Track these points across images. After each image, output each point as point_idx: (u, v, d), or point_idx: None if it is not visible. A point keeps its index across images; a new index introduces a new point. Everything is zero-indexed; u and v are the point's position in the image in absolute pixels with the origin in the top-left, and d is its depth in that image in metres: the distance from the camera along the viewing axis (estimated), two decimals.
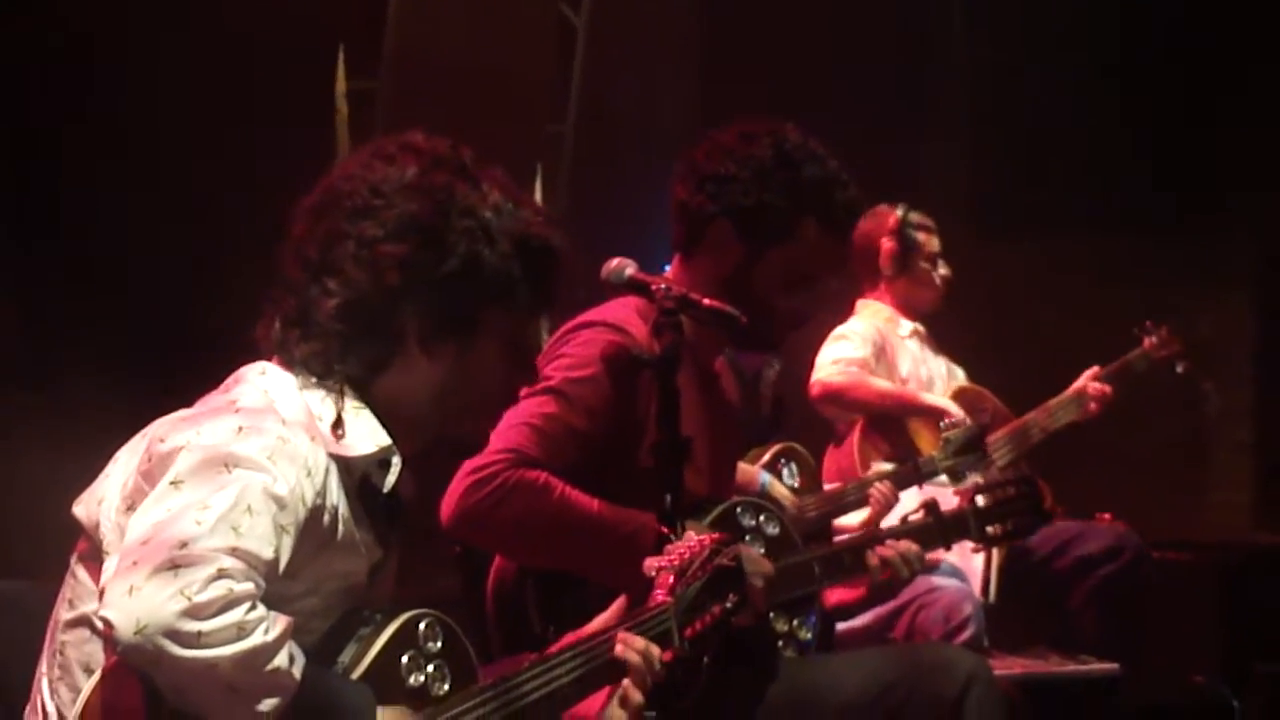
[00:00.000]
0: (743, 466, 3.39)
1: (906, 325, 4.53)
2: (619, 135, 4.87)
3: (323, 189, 2.15)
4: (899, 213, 4.49)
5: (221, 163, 3.89)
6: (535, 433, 2.65)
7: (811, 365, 4.26)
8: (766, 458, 3.55)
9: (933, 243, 4.55)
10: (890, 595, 3.06)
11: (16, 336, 4.36)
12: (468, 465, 2.60)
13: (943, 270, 4.51)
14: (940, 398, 4.34)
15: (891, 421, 4.21)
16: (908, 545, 2.91)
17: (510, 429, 2.64)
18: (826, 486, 3.74)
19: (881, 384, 4.27)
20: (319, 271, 2.08)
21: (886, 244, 4.47)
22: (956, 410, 4.19)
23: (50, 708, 2.00)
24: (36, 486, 2.90)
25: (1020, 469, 3.74)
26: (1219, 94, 5.92)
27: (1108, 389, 4.55)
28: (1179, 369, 4.71)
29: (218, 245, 2.78)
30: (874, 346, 4.38)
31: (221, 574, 1.81)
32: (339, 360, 2.08)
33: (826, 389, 4.24)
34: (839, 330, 4.41)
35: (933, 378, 4.51)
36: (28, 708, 2.06)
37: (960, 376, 4.65)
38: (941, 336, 4.63)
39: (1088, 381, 4.57)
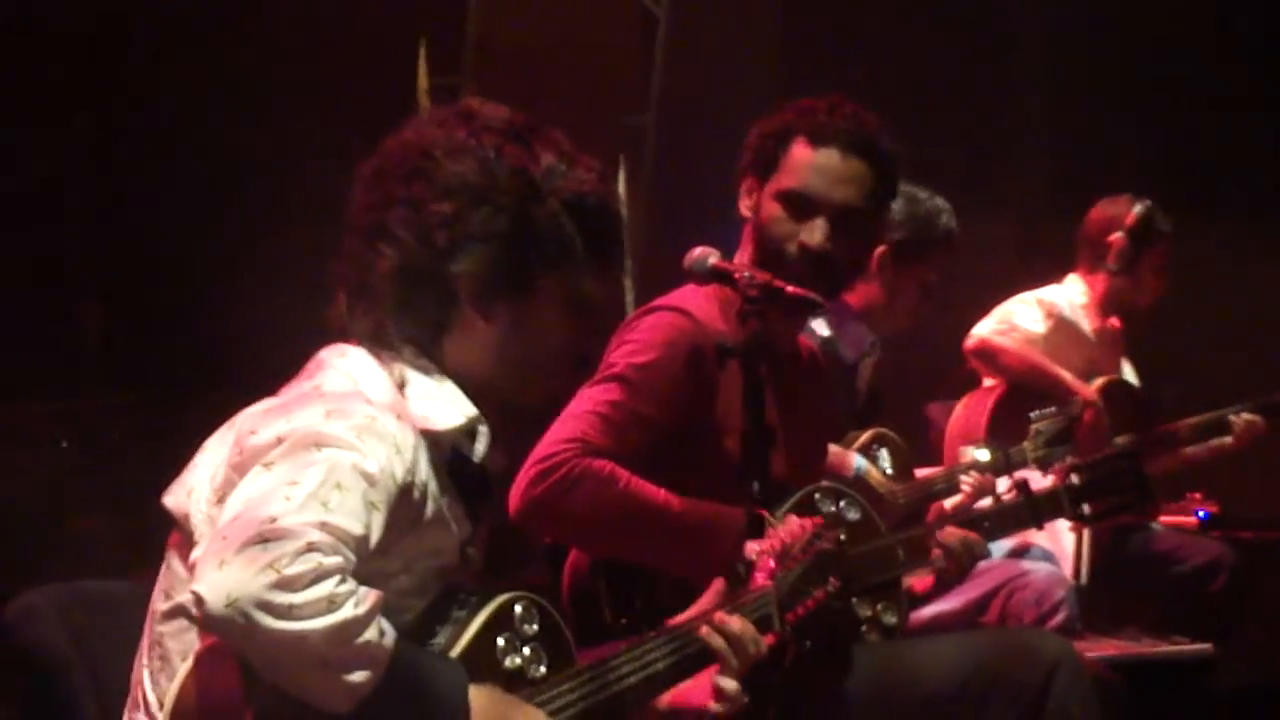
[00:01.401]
0: (838, 450, 3.42)
1: (1098, 319, 4.54)
2: (700, 125, 4.89)
3: (378, 155, 2.16)
4: (1138, 210, 4.47)
5: (309, 161, 4.02)
6: (601, 420, 2.65)
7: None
8: (861, 442, 3.59)
9: (1164, 252, 4.52)
10: (956, 582, 3.06)
11: (107, 340, 4.62)
12: (533, 455, 2.62)
13: (1162, 281, 4.51)
14: (1086, 385, 4.33)
15: (1031, 396, 4.20)
16: (967, 533, 2.88)
17: (575, 417, 2.65)
18: (919, 474, 3.77)
19: (1035, 357, 4.29)
20: (372, 237, 2.10)
21: (1118, 239, 4.47)
22: (1095, 398, 4.22)
23: (152, 699, 2.03)
24: (130, 484, 2.91)
25: (1122, 446, 3.67)
26: None
27: (1259, 420, 4.41)
28: None
29: (306, 242, 2.85)
30: (1052, 324, 4.41)
31: (310, 548, 1.83)
32: (395, 324, 2.09)
33: (984, 345, 4.31)
34: (1032, 296, 4.46)
35: (1103, 373, 4.51)
36: (128, 702, 2.10)
37: (1131, 377, 4.64)
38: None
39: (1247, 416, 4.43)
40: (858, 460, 3.49)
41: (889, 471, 3.61)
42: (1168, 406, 4.56)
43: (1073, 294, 4.51)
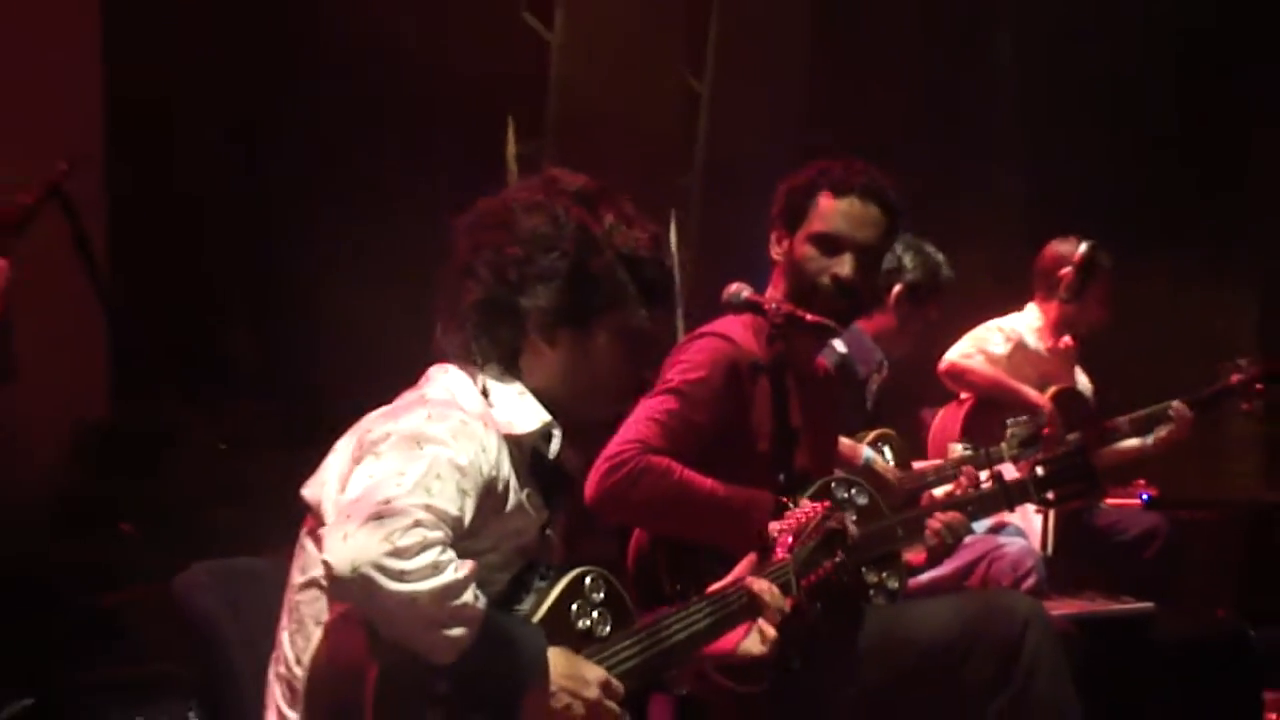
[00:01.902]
0: (850, 444, 3.84)
1: (1051, 339, 5.11)
2: (737, 184, 5.37)
3: (474, 210, 2.45)
4: (1084, 249, 5.03)
5: (411, 220, 4.41)
6: (659, 425, 2.99)
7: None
8: (869, 439, 4.05)
9: (1106, 283, 5.09)
10: (946, 555, 3.41)
11: (255, 356, 5.05)
12: (604, 454, 2.95)
13: (1106, 308, 5.09)
14: (1039, 395, 4.87)
15: (996, 406, 4.72)
16: (953, 516, 3.21)
17: (638, 423, 2.99)
18: (915, 466, 4.23)
19: (997, 375, 4.86)
20: (463, 275, 2.37)
21: (1067, 273, 5.03)
22: (1048, 405, 4.75)
23: (290, 655, 2.25)
24: (273, 479, 3.26)
25: (1073, 443, 4.15)
26: None
27: (1190, 414, 4.98)
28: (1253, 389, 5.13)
29: (409, 285, 3.24)
30: (1013, 346, 4.99)
31: (418, 524, 2.03)
32: (479, 346, 2.35)
33: (953, 367, 4.89)
34: (997, 324, 5.06)
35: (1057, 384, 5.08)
36: (272, 656, 2.31)
37: (1087, 387, 5.19)
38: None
39: (1177, 406, 4.99)
40: (866, 452, 3.90)
41: (892, 463, 4.02)
42: (1113, 407, 5.04)
43: (1030, 319, 5.08)
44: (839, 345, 4.06)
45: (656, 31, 5.85)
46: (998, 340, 5.01)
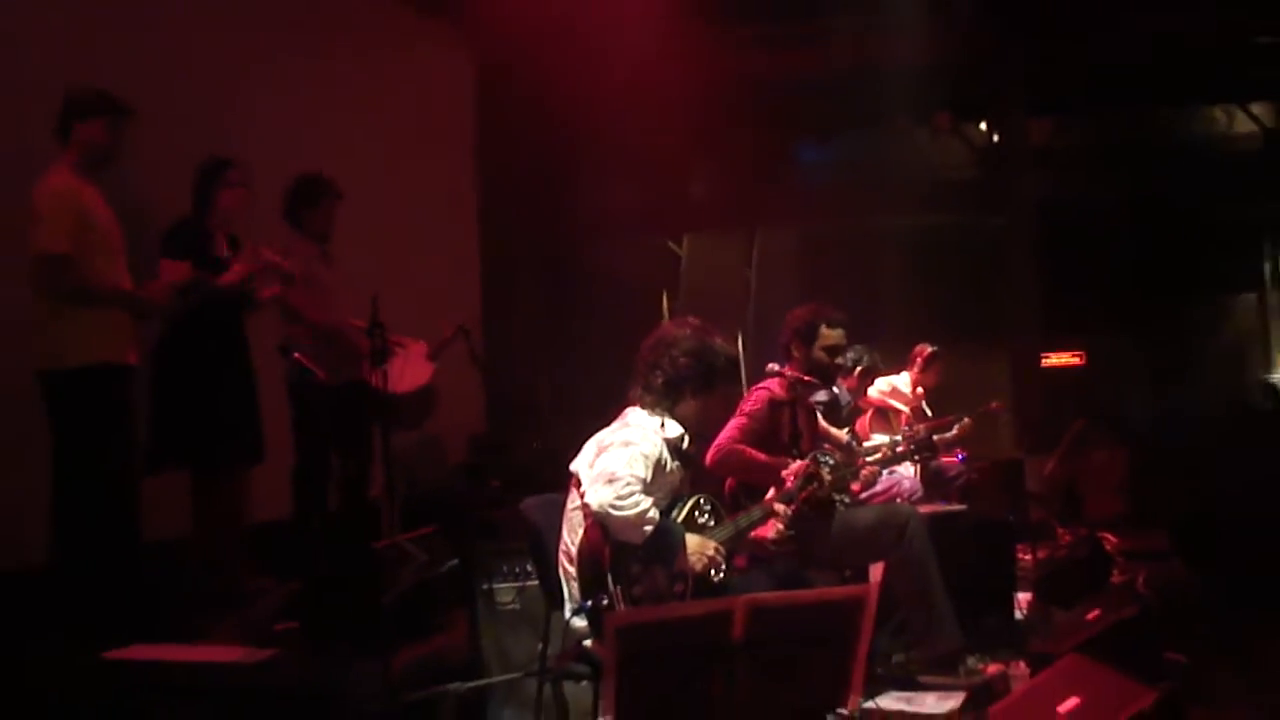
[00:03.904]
0: (837, 433, 6.07)
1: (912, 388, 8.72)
2: (773, 328, 7.00)
3: (654, 335, 4.23)
4: (931, 349, 8.89)
5: (614, 350, 5.74)
6: (739, 431, 5.16)
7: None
8: (845, 433, 6.35)
9: (938, 364, 8.99)
10: (870, 487, 5.76)
11: (555, 404, 8.70)
12: (714, 444, 5.07)
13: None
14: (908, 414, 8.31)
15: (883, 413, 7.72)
16: (872, 469, 5.39)
17: (729, 430, 5.17)
18: (867, 443, 6.55)
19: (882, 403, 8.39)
20: (652, 367, 4.17)
21: (922, 350, 8.93)
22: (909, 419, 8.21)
23: (567, 540, 3.95)
24: (564, 449, 4.70)
25: (924, 434, 6.70)
26: None
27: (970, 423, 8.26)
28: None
29: (615, 377, 4.81)
30: (890, 390, 8.71)
31: (629, 482, 3.78)
32: (656, 399, 4.10)
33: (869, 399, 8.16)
34: (888, 380, 8.53)
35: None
36: (560, 546, 3.97)
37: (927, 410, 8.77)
38: None
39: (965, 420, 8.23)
40: (847, 438, 6.15)
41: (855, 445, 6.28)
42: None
43: (905, 379, 8.59)
44: (837, 389, 6.50)
45: (733, 248, 10.23)
46: (883, 388, 8.46)
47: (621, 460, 3.92)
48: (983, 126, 12.18)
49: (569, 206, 11.01)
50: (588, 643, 3.90)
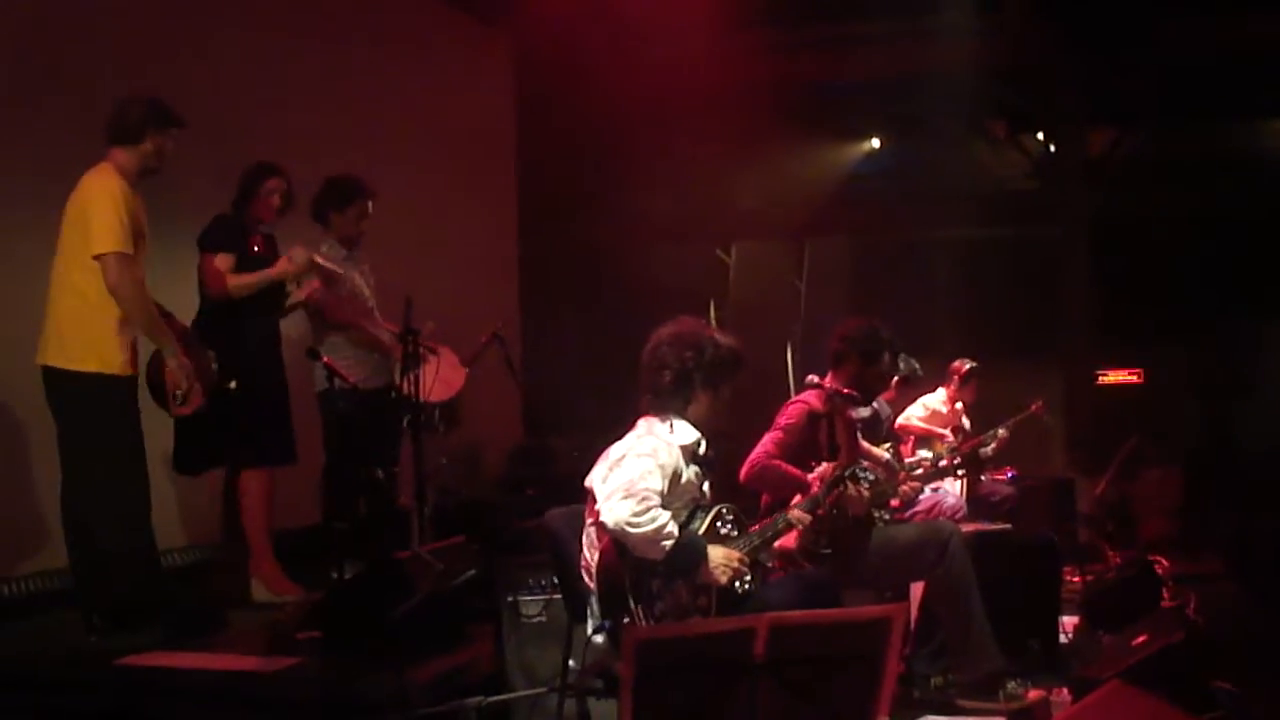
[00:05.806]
0: (877, 451, 5.92)
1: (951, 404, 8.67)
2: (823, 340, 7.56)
3: (651, 344, 4.14)
4: (969, 365, 8.76)
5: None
6: (774, 444, 5.04)
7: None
8: (884, 448, 6.20)
9: (973, 382, 9.06)
10: (910, 504, 5.80)
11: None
12: (749, 459, 4.98)
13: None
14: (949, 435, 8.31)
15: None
16: (915, 484, 5.35)
17: (764, 445, 5.05)
18: (907, 460, 6.47)
19: (919, 428, 8.43)
20: (658, 369, 4.07)
21: (959, 367, 8.84)
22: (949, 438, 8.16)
23: (587, 554, 3.92)
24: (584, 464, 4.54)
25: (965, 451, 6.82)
26: None
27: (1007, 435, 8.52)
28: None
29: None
30: (929, 412, 8.57)
31: (647, 495, 3.69)
32: (666, 402, 4.01)
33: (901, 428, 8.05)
34: (924, 399, 8.55)
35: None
36: (580, 560, 3.94)
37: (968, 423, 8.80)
38: None
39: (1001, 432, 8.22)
40: (886, 454, 6.00)
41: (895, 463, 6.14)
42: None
43: (941, 396, 7.96)
44: (878, 403, 6.49)
45: (782, 255, 9.91)
46: (921, 411, 8.56)
47: (636, 473, 3.84)
48: (1039, 136, 11.88)
49: (611, 211, 10.96)
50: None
